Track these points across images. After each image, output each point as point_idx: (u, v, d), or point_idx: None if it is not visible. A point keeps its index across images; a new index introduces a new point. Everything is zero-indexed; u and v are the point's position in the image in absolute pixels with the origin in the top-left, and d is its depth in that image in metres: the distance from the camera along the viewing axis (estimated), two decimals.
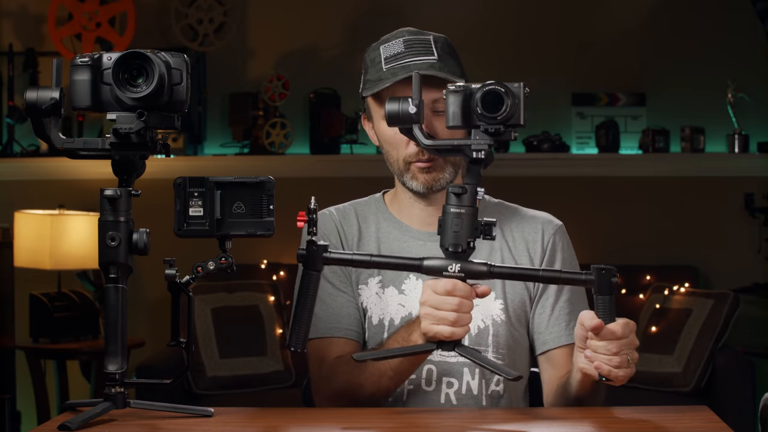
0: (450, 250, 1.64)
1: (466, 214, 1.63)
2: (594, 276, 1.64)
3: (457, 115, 1.63)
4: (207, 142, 5.03)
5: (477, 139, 1.63)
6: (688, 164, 4.90)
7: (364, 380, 1.87)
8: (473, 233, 1.64)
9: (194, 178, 1.65)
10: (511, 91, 1.62)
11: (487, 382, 1.93)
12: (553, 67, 4.98)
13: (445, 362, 1.93)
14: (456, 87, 1.63)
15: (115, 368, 1.63)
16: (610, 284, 1.64)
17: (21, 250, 4.37)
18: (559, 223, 2.03)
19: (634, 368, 1.72)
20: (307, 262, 1.66)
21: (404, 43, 1.92)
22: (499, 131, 1.63)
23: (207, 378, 4.21)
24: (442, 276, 1.66)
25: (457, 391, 1.93)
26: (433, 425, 1.67)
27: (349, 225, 2.02)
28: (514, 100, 1.62)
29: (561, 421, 1.69)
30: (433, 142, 1.67)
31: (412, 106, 1.64)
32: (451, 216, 1.63)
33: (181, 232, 1.66)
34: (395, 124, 1.66)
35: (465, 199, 1.64)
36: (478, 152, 1.63)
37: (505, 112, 1.62)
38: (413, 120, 1.65)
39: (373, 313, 1.96)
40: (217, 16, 4.94)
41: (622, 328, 1.67)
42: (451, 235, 1.63)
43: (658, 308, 4.42)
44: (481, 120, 1.62)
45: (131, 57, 1.59)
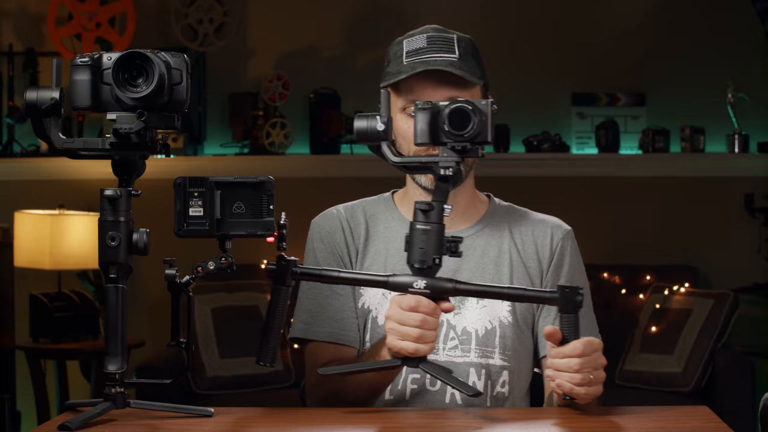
0: (416, 267, 1.65)
1: (433, 231, 1.64)
2: (558, 294, 1.66)
3: (425, 132, 1.64)
4: (207, 142, 5.03)
5: (444, 156, 1.64)
6: (688, 164, 4.90)
7: (344, 390, 1.88)
8: (439, 250, 1.64)
9: (194, 178, 1.65)
10: (478, 108, 1.63)
11: (493, 384, 1.93)
12: (553, 67, 4.98)
13: (451, 362, 1.93)
14: (424, 104, 1.65)
15: (115, 368, 1.63)
16: (574, 302, 1.66)
17: (21, 250, 4.37)
18: (568, 228, 2.03)
19: (601, 388, 1.71)
20: (276, 277, 1.67)
21: (427, 39, 1.93)
22: (466, 148, 1.63)
23: (207, 378, 4.21)
24: (408, 292, 1.66)
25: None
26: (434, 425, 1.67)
27: (357, 224, 2.02)
28: (482, 118, 1.63)
29: (561, 421, 1.69)
30: (401, 159, 1.68)
31: (380, 123, 1.65)
32: (417, 233, 1.64)
33: (181, 232, 1.66)
34: (364, 141, 1.67)
35: (432, 215, 1.64)
36: (446, 169, 1.64)
37: (472, 129, 1.62)
38: (381, 137, 1.65)
39: (378, 314, 1.96)
40: (217, 16, 4.94)
41: (584, 346, 1.67)
42: (418, 252, 1.64)
43: (658, 308, 4.42)
44: (448, 137, 1.64)
45: (131, 57, 1.59)
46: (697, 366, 4.17)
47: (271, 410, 1.79)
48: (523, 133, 4.87)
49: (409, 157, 1.69)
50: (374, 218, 2.04)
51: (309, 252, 2.02)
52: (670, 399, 4.07)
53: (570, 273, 1.99)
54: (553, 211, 2.06)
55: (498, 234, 2.00)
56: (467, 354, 1.92)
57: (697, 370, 4.16)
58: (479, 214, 2.02)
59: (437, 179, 1.65)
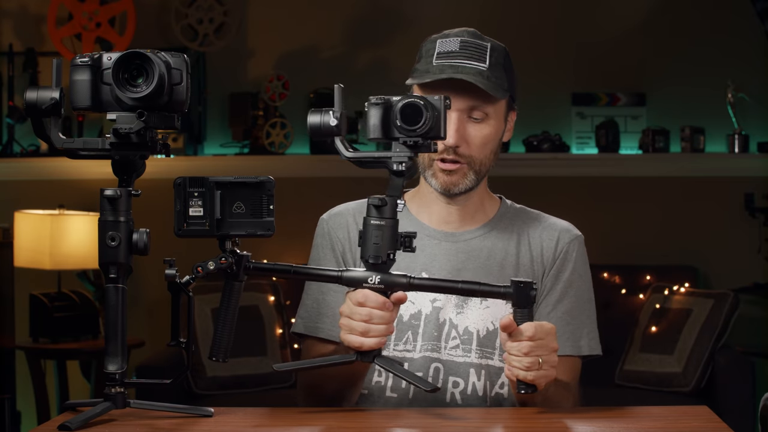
0: (370, 262, 1.65)
1: (387, 226, 1.64)
2: (512, 289, 1.66)
3: (377, 127, 1.65)
4: (207, 142, 5.03)
5: (397, 152, 1.64)
6: (688, 164, 4.90)
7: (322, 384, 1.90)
8: (394, 245, 1.65)
9: (194, 178, 1.65)
10: (431, 103, 1.63)
11: (492, 384, 1.93)
12: (553, 67, 4.98)
13: (452, 362, 1.93)
14: (377, 99, 1.65)
15: (115, 368, 1.63)
16: (528, 297, 1.66)
17: (21, 250, 4.37)
18: (577, 234, 2.01)
19: (553, 372, 1.71)
20: (229, 278, 1.66)
21: (461, 43, 1.92)
22: (418, 143, 1.63)
23: (207, 378, 4.21)
24: (362, 287, 1.67)
25: (462, 391, 1.93)
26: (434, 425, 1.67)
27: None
28: (434, 113, 1.63)
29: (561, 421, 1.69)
30: (354, 154, 1.68)
31: (333, 119, 1.65)
32: (371, 228, 1.64)
33: (181, 232, 1.66)
34: (317, 136, 1.67)
35: (385, 211, 1.65)
36: (398, 164, 1.64)
37: (424, 124, 1.63)
38: (334, 132, 1.66)
39: None
40: (217, 16, 4.94)
41: (534, 329, 1.67)
42: (372, 247, 1.64)
43: (658, 308, 4.42)
44: (400, 132, 1.64)
45: (131, 57, 1.59)
46: (697, 366, 4.17)
47: (271, 410, 1.79)
48: (523, 133, 4.87)
49: (362, 153, 1.68)
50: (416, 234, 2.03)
51: (312, 247, 2.02)
52: (670, 399, 4.07)
53: (571, 279, 1.97)
54: (553, 211, 2.06)
55: (506, 236, 1.99)
56: (468, 354, 1.93)
57: (697, 370, 4.16)
58: (489, 216, 2.02)
59: (391, 174, 1.65)
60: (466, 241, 1.98)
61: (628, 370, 4.32)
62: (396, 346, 1.93)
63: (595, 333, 1.98)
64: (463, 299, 1.94)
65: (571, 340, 1.94)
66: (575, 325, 1.95)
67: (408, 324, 1.94)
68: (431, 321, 1.94)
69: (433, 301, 1.95)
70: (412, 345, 1.93)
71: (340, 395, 1.90)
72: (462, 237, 1.98)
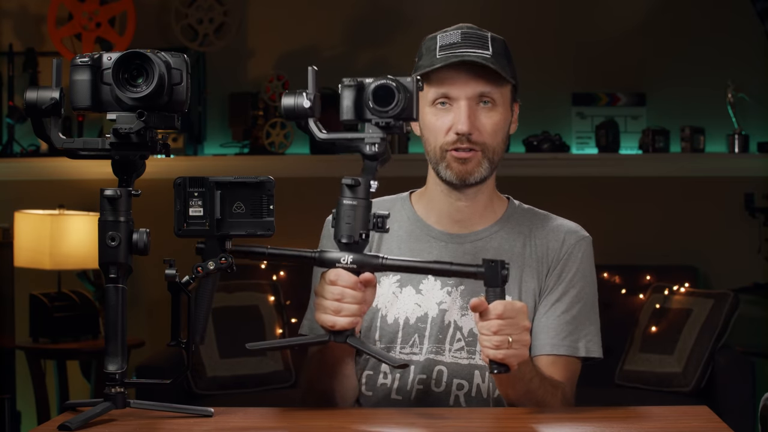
0: (343, 242, 1.66)
1: (360, 206, 1.65)
2: (484, 268, 1.66)
3: (350, 108, 1.66)
4: (207, 142, 5.03)
5: (369, 133, 1.65)
6: (688, 164, 4.90)
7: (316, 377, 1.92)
8: (366, 225, 1.65)
9: (194, 178, 1.65)
10: (403, 85, 1.64)
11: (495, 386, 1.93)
12: (552, 67, 4.98)
13: (456, 364, 1.92)
14: (349, 82, 1.66)
15: (115, 368, 1.63)
16: (498, 276, 1.66)
17: (21, 250, 4.37)
18: (583, 235, 2.01)
19: (525, 352, 1.70)
20: (204, 254, 1.66)
21: (462, 34, 1.93)
22: (390, 125, 1.64)
23: (207, 378, 4.21)
24: (335, 267, 1.67)
25: (467, 393, 1.92)
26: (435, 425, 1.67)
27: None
28: (406, 94, 1.64)
29: (561, 421, 1.69)
30: (328, 135, 1.68)
31: (307, 100, 1.65)
32: (344, 208, 1.65)
33: (181, 232, 1.66)
34: (291, 118, 1.67)
35: (359, 191, 1.65)
36: (371, 145, 1.65)
37: (396, 105, 1.63)
38: (308, 114, 1.66)
39: (388, 312, 1.96)
40: (217, 16, 4.94)
41: (503, 307, 1.67)
42: (345, 227, 1.65)
43: (658, 308, 4.42)
44: (373, 114, 1.65)
45: (131, 57, 1.59)
46: (697, 366, 4.17)
47: (271, 410, 1.79)
48: (523, 133, 4.87)
49: (335, 134, 1.68)
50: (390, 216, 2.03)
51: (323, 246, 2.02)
52: (670, 399, 4.07)
53: (573, 280, 1.96)
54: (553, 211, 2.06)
55: (513, 237, 1.99)
56: (472, 356, 1.92)
57: (697, 370, 4.16)
58: (497, 216, 2.01)
59: (364, 158, 1.66)
60: (472, 242, 1.97)
61: (628, 370, 4.32)
62: (402, 349, 1.93)
63: (597, 336, 1.97)
64: (467, 301, 1.94)
65: (568, 340, 1.93)
66: (574, 326, 1.94)
67: (415, 327, 1.94)
68: (437, 323, 1.94)
69: (439, 304, 1.94)
70: (419, 348, 1.94)
71: (332, 390, 1.90)
72: (468, 238, 1.98)
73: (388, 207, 2.04)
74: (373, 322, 1.96)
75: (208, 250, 1.66)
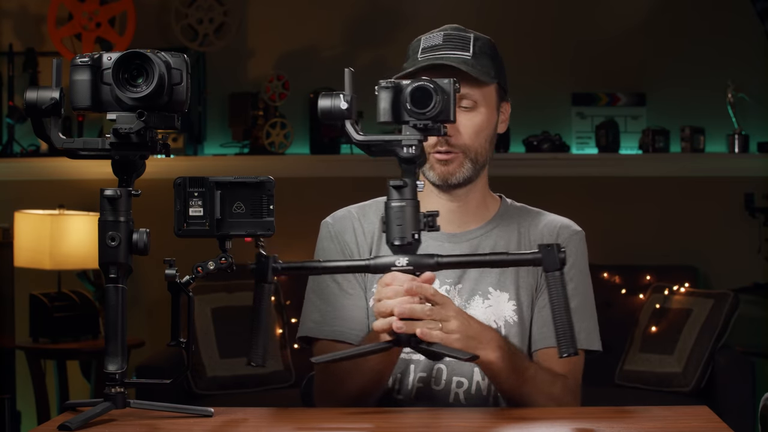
0: (396, 244, 1.65)
1: (408, 207, 1.64)
2: (541, 253, 1.64)
3: (387, 110, 1.65)
4: (207, 142, 5.03)
5: (407, 135, 1.64)
6: (688, 164, 4.90)
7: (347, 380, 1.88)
8: (417, 225, 1.64)
9: (194, 178, 1.65)
10: (440, 87, 1.63)
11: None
12: (552, 67, 4.98)
13: (455, 361, 1.92)
14: (387, 83, 1.65)
15: (115, 368, 1.63)
16: (557, 259, 1.64)
17: (21, 250, 4.37)
18: (576, 230, 2.01)
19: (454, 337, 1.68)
20: (258, 274, 1.66)
21: (444, 36, 1.94)
22: (428, 127, 1.63)
23: (207, 378, 4.21)
24: (391, 271, 1.66)
25: (466, 390, 1.93)
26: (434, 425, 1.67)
27: (369, 223, 2.02)
28: (444, 96, 1.63)
29: (561, 421, 1.69)
30: (364, 137, 1.67)
31: (344, 102, 1.64)
32: (394, 210, 1.64)
33: (181, 232, 1.66)
34: (328, 119, 1.66)
35: (406, 192, 1.64)
36: (408, 147, 1.64)
37: (434, 107, 1.63)
38: (345, 115, 1.65)
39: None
40: (217, 16, 4.94)
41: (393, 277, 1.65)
42: (396, 229, 1.64)
43: (658, 308, 4.42)
44: (410, 116, 1.64)
45: (131, 57, 1.59)
46: (697, 366, 4.17)
47: (271, 410, 1.79)
48: (523, 133, 4.87)
49: (372, 136, 1.67)
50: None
51: (319, 252, 2.01)
52: (670, 399, 4.07)
53: (570, 273, 1.95)
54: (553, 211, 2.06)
55: (507, 235, 1.99)
56: None
57: (697, 370, 4.16)
58: (490, 214, 2.02)
59: (401, 161, 1.65)
60: (468, 241, 1.98)
61: (628, 370, 4.32)
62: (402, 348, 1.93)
63: (596, 329, 1.97)
64: (466, 299, 1.94)
65: None
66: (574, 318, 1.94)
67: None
68: None
69: None
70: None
71: (364, 393, 1.88)
72: (464, 237, 1.98)
73: (381, 209, 2.04)
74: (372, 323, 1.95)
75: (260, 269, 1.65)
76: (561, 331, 1.63)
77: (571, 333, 1.63)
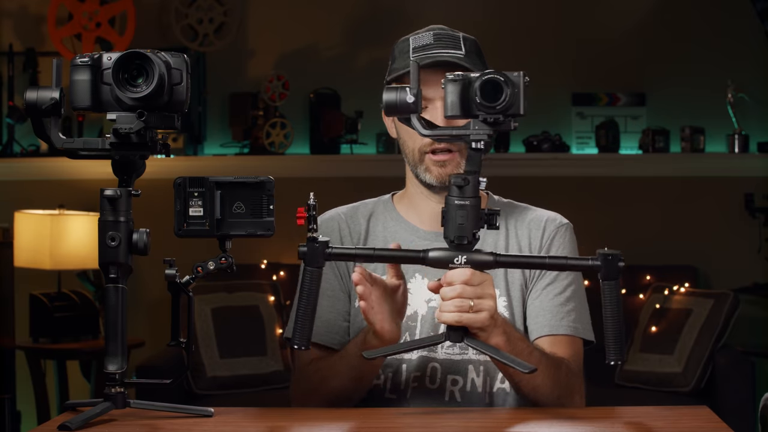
0: (455, 242, 1.64)
1: (470, 206, 1.63)
2: (600, 261, 1.63)
3: (456, 104, 1.62)
4: (207, 142, 5.03)
5: (476, 129, 1.62)
6: (688, 164, 4.90)
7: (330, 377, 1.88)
8: (477, 224, 1.64)
9: (194, 178, 1.65)
10: (510, 80, 1.61)
11: (492, 380, 1.93)
12: (552, 67, 4.98)
13: (449, 360, 1.92)
14: (455, 76, 1.63)
15: (115, 368, 1.63)
16: (616, 269, 1.62)
17: (21, 250, 4.37)
18: (564, 222, 2.01)
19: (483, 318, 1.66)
20: (307, 258, 1.65)
21: (434, 36, 1.94)
22: (498, 121, 1.62)
23: (207, 378, 4.21)
24: (448, 268, 1.65)
25: (461, 388, 1.92)
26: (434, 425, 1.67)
27: (356, 224, 2.02)
28: (514, 90, 1.61)
29: (561, 421, 1.69)
30: (431, 132, 1.66)
31: (410, 96, 1.63)
32: (454, 208, 1.63)
33: (181, 232, 1.66)
34: (393, 113, 1.65)
35: (468, 190, 1.63)
36: (477, 142, 1.62)
37: (505, 101, 1.61)
38: (411, 109, 1.64)
39: None
40: (217, 16, 4.95)
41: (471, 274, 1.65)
42: (456, 227, 1.63)
43: (658, 308, 4.42)
44: (480, 109, 1.61)
45: (131, 57, 1.59)
46: (697, 366, 4.17)
47: (271, 410, 1.79)
48: (523, 133, 4.87)
49: (440, 130, 1.66)
50: (374, 218, 2.04)
51: None
52: (670, 399, 4.07)
53: None
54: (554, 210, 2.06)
55: (495, 231, 1.99)
56: (465, 351, 1.92)
57: (697, 370, 4.16)
58: None
59: (469, 149, 1.63)
60: None
61: (628, 370, 4.32)
62: None
63: (588, 319, 1.97)
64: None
65: (566, 320, 1.93)
66: (570, 307, 1.94)
67: (405, 326, 1.93)
68: (427, 321, 1.94)
69: (428, 302, 1.94)
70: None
71: (344, 394, 1.89)
72: None
73: (371, 210, 2.04)
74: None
75: (311, 253, 1.64)
76: (611, 339, 1.62)
77: (621, 341, 1.63)
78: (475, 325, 1.66)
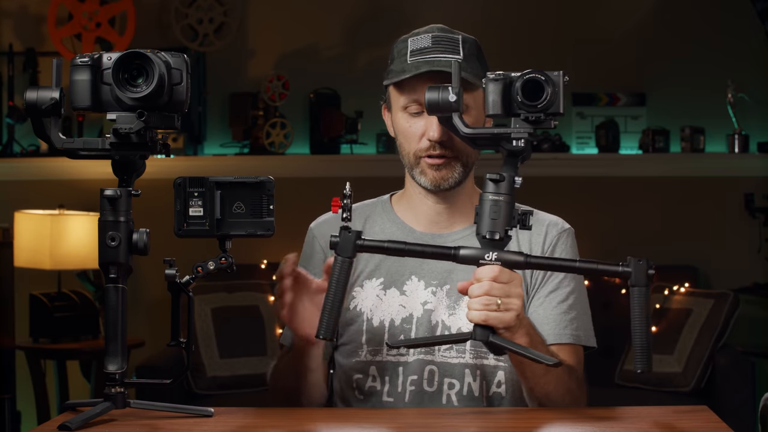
0: (486, 238, 1.63)
1: (504, 202, 1.63)
2: (631, 267, 1.62)
3: (497, 103, 1.62)
4: (207, 142, 5.03)
5: (517, 128, 1.62)
6: (688, 164, 4.90)
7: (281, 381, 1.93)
8: (510, 222, 1.63)
9: (194, 178, 1.66)
10: (551, 79, 1.63)
11: (488, 384, 1.92)
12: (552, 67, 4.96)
13: (446, 363, 1.92)
14: (496, 75, 1.63)
15: (115, 368, 1.63)
16: (646, 276, 1.61)
17: (21, 250, 4.37)
18: (566, 227, 2.01)
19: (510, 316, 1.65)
20: (339, 248, 1.64)
21: (432, 38, 1.92)
22: (539, 119, 1.62)
23: (207, 378, 4.21)
24: (478, 265, 1.64)
25: (458, 392, 1.92)
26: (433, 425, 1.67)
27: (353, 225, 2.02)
28: (554, 89, 1.62)
29: (561, 421, 1.69)
30: (472, 131, 1.66)
31: (453, 95, 1.63)
32: (488, 203, 1.62)
33: (181, 232, 1.66)
34: (435, 112, 1.65)
35: (503, 186, 1.63)
36: (518, 140, 1.62)
37: (546, 100, 1.62)
38: (453, 108, 1.64)
39: (373, 315, 1.95)
40: (217, 16, 4.95)
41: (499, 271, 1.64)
42: (489, 223, 1.62)
43: (658, 308, 4.42)
44: (521, 108, 1.62)
45: (131, 57, 1.59)
46: (697, 366, 4.17)
47: (271, 410, 1.79)
48: None
49: (481, 129, 1.66)
50: (371, 219, 2.03)
51: (303, 254, 2.02)
52: (670, 399, 4.07)
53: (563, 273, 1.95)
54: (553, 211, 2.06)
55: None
56: (462, 355, 1.91)
57: (697, 370, 4.16)
58: None
59: (506, 154, 1.63)
60: (455, 241, 1.96)
61: (628, 370, 4.32)
62: (389, 351, 1.92)
63: (590, 325, 1.97)
64: (454, 300, 1.93)
65: (570, 328, 1.93)
66: (573, 315, 1.94)
67: (400, 328, 1.92)
68: (423, 324, 1.93)
69: (424, 304, 1.94)
70: (406, 349, 1.92)
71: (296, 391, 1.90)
72: (450, 238, 1.97)
73: (369, 210, 2.04)
74: (359, 326, 1.95)
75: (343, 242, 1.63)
76: (639, 346, 1.61)
77: (649, 349, 1.61)
78: (501, 324, 1.66)
